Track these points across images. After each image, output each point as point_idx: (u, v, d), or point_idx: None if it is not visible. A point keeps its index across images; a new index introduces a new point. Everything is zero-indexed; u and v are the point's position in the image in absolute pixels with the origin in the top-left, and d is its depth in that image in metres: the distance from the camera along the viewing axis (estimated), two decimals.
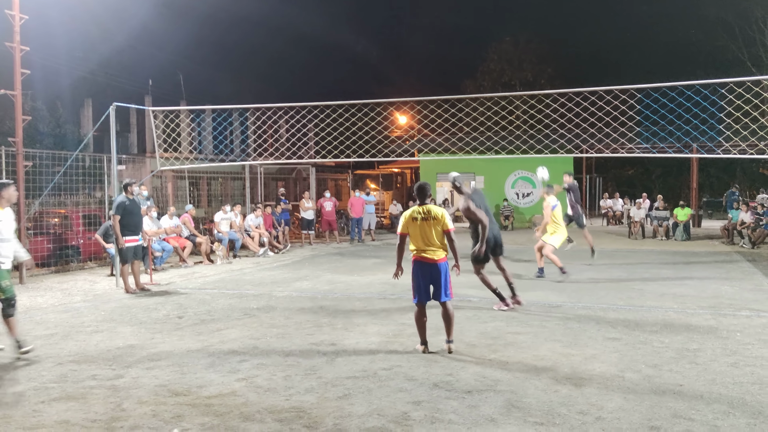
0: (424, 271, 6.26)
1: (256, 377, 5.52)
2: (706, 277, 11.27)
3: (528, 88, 32.73)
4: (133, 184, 10.44)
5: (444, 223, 6.23)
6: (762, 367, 5.69)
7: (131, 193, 10.29)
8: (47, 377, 5.59)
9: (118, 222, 10.07)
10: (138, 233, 10.42)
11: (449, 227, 6.23)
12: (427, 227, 6.20)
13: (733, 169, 37.04)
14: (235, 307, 8.86)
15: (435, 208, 6.33)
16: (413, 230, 6.25)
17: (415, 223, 6.23)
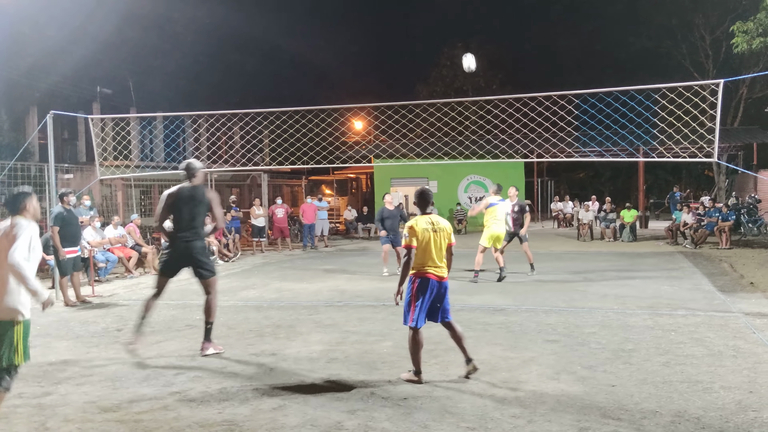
0: (432, 290, 5.55)
1: (191, 390, 5.41)
2: (648, 277, 11.55)
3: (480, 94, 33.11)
4: (69, 194, 10.19)
5: (449, 236, 5.69)
6: (691, 366, 5.83)
7: (68, 203, 10.04)
8: None
9: (57, 233, 9.82)
10: (77, 244, 10.16)
11: (453, 241, 5.73)
12: (437, 240, 5.56)
13: (679, 171, 38.15)
14: (177, 318, 8.70)
15: (440, 218, 5.73)
16: (423, 243, 5.52)
17: (426, 234, 5.52)
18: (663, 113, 9.25)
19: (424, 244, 5.52)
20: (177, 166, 17.36)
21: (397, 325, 7.83)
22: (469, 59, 11.19)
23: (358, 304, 9.40)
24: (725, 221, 16.96)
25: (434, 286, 5.56)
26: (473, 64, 11.18)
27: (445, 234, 5.65)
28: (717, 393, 5.07)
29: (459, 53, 38.96)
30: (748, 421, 4.47)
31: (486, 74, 38.70)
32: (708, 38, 31.11)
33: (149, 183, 23.01)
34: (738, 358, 6.09)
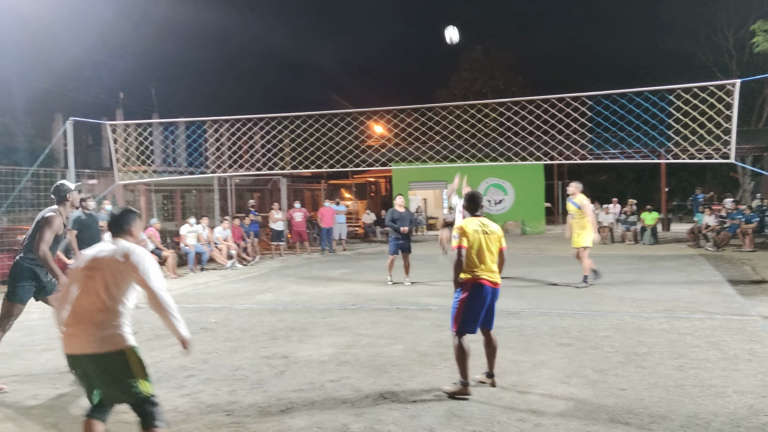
0: (486, 297, 5.30)
1: (201, 393, 5.47)
2: (667, 280, 11.40)
3: (499, 97, 33.03)
4: (88, 198, 10.35)
5: (500, 239, 5.45)
6: (705, 370, 5.75)
7: (86, 208, 10.20)
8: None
9: (74, 237, 9.99)
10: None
11: (504, 245, 5.48)
12: (489, 243, 5.33)
13: (703, 174, 37.61)
14: (192, 321, 8.77)
15: (490, 221, 5.51)
16: (474, 246, 5.28)
17: (477, 236, 5.29)
18: (678, 114, 9.15)
19: (475, 247, 5.27)
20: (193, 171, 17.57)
21: (409, 328, 7.87)
22: (451, 31, 11.09)
23: (372, 308, 9.42)
24: (748, 223, 16.68)
25: (488, 292, 5.29)
26: (456, 36, 11.10)
27: (496, 237, 5.40)
28: (729, 397, 5.00)
29: (478, 57, 38.98)
30: (759, 426, 4.40)
31: (506, 77, 38.56)
32: (731, 38, 30.71)
33: (171, 188, 23.25)
34: (753, 362, 5.99)
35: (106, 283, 3.71)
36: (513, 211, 25.64)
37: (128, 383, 3.65)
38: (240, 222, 17.50)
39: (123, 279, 3.75)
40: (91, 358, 3.62)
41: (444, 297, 10.20)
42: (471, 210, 5.57)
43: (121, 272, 3.74)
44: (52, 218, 6.19)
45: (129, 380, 3.66)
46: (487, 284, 5.28)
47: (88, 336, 3.63)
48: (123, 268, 3.74)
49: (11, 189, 12.81)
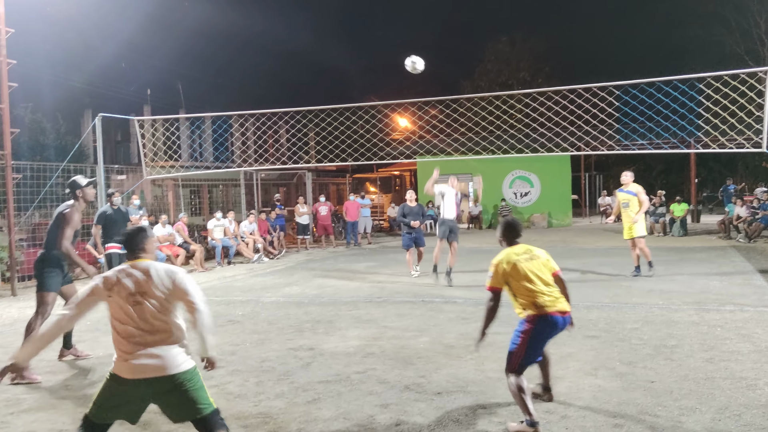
0: (554, 329, 4.59)
1: (229, 384, 5.54)
2: (697, 272, 11.23)
3: (525, 88, 32.74)
4: (115, 193, 10.53)
5: (550, 263, 4.78)
6: (736, 362, 5.66)
7: (114, 204, 10.37)
8: (20, 388, 5.62)
9: (98, 232, 10.20)
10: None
11: (557, 268, 4.78)
12: (540, 268, 4.66)
13: (734, 164, 36.90)
14: (220, 313, 8.87)
15: (532, 247, 4.82)
16: (522, 276, 4.56)
17: (522, 266, 4.58)
18: (708, 103, 8.99)
19: (527, 277, 4.56)
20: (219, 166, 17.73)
21: (435, 321, 7.87)
22: (414, 59, 10.16)
23: (398, 301, 9.43)
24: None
25: (557, 323, 4.55)
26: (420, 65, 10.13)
27: (544, 262, 4.72)
28: (761, 390, 4.91)
29: (503, 47, 38.66)
30: None
31: (531, 68, 38.20)
32: (763, 25, 30.05)
33: (198, 183, 23.50)
34: None
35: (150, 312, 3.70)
36: (539, 204, 25.44)
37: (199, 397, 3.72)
38: (266, 216, 17.63)
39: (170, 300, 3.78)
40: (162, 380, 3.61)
41: (469, 289, 10.18)
42: (509, 240, 4.86)
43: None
44: (70, 214, 6.44)
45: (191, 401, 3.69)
46: (557, 315, 4.53)
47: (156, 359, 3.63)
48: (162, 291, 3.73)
49: (42, 185, 13.06)
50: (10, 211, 11.45)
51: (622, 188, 10.97)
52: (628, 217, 10.81)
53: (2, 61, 11.27)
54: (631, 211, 10.78)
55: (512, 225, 4.90)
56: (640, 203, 10.69)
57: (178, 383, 3.64)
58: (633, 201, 10.75)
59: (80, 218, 6.70)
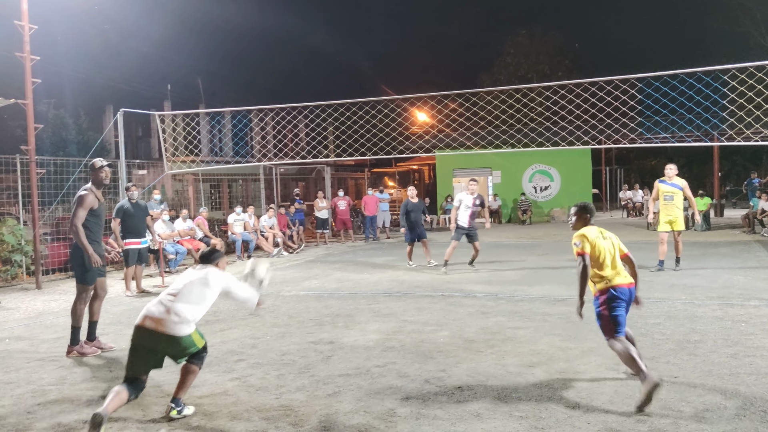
0: (624, 297, 5.03)
1: (250, 376, 5.57)
2: (720, 267, 11.09)
3: (545, 81, 32.49)
4: (132, 187, 10.62)
5: (620, 245, 5.23)
6: (761, 358, 5.58)
7: (132, 197, 10.48)
8: (47, 380, 5.71)
9: (118, 225, 10.33)
10: (140, 236, 10.56)
11: (626, 250, 5.22)
12: (612, 248, 5.14)
13: (759, 157, 36.33)
14: (241, 307, 8.93)
15: (603, 229, 5.30)
16: (597, 253, 5.07)
17: (600, 243, 5.09)
18: (733, 95, 8.84)
19: (603, 254, 5.05)
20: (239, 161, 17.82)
21: (454, 315, 7.86)
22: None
23: (417, 295, 9.43)
24: None
25: (626, 293, 5.02)
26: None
27: (615, 243, 5.18)
28: None
29: (523, 41, 38.36)
30: None
31: (551, 61, 37.89)
32: None
33: (219, 177, 23.67)
34: None
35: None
36: (559, 198, 25.28)
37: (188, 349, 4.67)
38: (285, 210, 17.71)
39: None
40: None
41: (489, 284, 10.16)
42: (585, 220, 5.35)
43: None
44: (84, 196, 6.74)
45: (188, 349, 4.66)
46: (623, 286, 5.00)
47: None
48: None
49: (65, 180, 13.23)
50: (35, 205, 11.61)
51: (665, 180, 10.82)
52: (672, 210, 10.67)
53: (26, 57, 11.41)
54: (675, 206, 10.67)
55: (588, 207, 5.46)
56: (687, 198, 10.72)
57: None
58: (678, 194, 10.69)
59: (95, 199, 6.85)
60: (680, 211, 10.76)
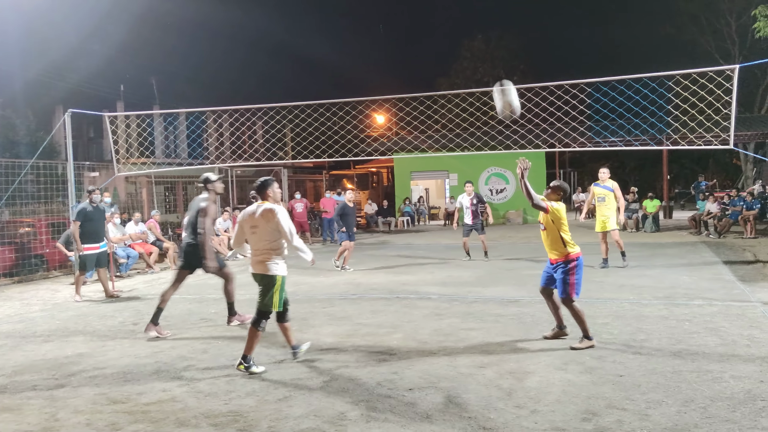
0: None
1: (199, 382, 5.49)
2: (668, 267, 11.39)
3: None
4: (95, 191, 10.41)
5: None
6: (703, 356, 5.75)
7: (93, 201, 10.26)
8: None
9: (77, 228, 10.07)
10: (99, 240, 10.34)
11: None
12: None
13: (705, 161, 37.52)
14: (193, 312, 8.81)
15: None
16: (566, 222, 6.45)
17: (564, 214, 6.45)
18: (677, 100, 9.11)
19: (567, 224, 6.38)
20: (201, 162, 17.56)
21: (409, 317, 7.89)
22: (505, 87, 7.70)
23: (372, 297, 9.43)
24: (750, 210, 16.63)
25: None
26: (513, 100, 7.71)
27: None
28: (726, 383, 4.99)
29: (479, 45, 38.82)
30: (756, 411, 4.39)
31: (507, 66, 38.43)
32: (734, 24, 30.52)
33: (173, 180, 23.29)
34: (752, 347, 5.98)
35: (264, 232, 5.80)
36: (514, 200, 25.62)
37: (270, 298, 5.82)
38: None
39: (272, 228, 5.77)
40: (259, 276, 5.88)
41: (444, 286, 10.22)
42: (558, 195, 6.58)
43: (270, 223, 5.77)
44: (207, 207, 7.46)
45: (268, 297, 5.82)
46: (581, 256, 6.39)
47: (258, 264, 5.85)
48: (270, 223, 5.77)
49: (12, 182, 12.84)
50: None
51: (599, 183, 11.37)
52: (604, 211, 11.14)
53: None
54: (607, 207, 11.12)
55: (562, 187, 6.61)
56: (616, 198, 11.29)
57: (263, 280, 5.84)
58: (609, 196, 11.25)
59: (216, 209, 7.93)
60: (612, 212, 11.37)
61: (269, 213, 5.77)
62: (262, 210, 5.83)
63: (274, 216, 5.75)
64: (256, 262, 5.88)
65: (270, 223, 5.76)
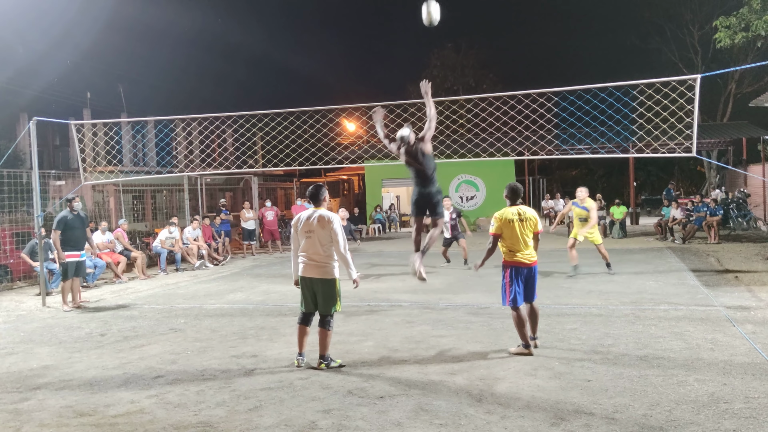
0: (523, 274, 6.33)
1: (168, 393, 5.42)
2: (634, 273, 11.59)
3: (470, 93, 33.17)
4: (75, 199, 10.30)
5: (536, 225, 6.39)
6: (668, 359, 5.87)
7: (74, 209, 10.15)
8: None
9: (58, 237, 9.96)
10: (79, 249, 10.22)
11: (539, 229, 6.42)
12: (522, 229, 6.29)
13: (671, 168, 38.25)
14: (161, 322, 8.70)
15: (527, 209, 6.45)
16: (509, 232, 6.28)
17: (512, 225, 6.28)
18: (641, 109, 9.30)
19: (509, 233, 6.27)
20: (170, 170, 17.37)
21: (380, 325, 7.90)
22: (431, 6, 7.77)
23: (343, 305, 9.34)
24: (713, 216, 17.01)
25: (522, 270, 6.30)
26: (436, 14, 7.86)
27: (532, 223, 6.34)
28: (691, 386, 5.10)
29: (449, 54, 39.13)
30: (719, 413, 4.50)
31: (476, 74, 38.80)
32: (696, 34, 31.26)
33: (141, 188, 22.98)
34: (715, 351, 6.12)
35: (320, 237, 5.99)
36: (485, 207, 25.82)
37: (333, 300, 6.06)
38: (210, 221, 17.36)
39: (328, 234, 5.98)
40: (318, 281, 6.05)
41: (415, 293, 10.25)
42: (512, 200, 6.47)
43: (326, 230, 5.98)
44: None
45: (332, 300, 6.06)
46: (522, 265, 6.29)
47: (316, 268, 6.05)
48: (326, 229, 5.98)
49: None
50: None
51: (578, 203, 11.75)
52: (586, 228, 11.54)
53: None
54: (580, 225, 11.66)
55: (515, 189, 6.51)
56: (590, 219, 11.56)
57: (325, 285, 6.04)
58: (586, 216, 11.65)
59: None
60: (595, 229, 11.62)
61: (324, 220, 6.02)
62: (317, 216, 6.04)
63: (329, 223, 6.00)
64: (311, 267, 6.03)
65: (325, 229, 5.99)
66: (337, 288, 6.08)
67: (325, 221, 6.00)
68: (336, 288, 6.07)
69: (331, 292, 6.05)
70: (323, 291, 6.05)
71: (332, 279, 6.05)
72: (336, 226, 6.00)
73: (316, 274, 6.03)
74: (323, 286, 6.04)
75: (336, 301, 6.09)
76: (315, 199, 6.17)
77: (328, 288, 6.04)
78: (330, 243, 6.00)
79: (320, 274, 6.02)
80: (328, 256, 6.03)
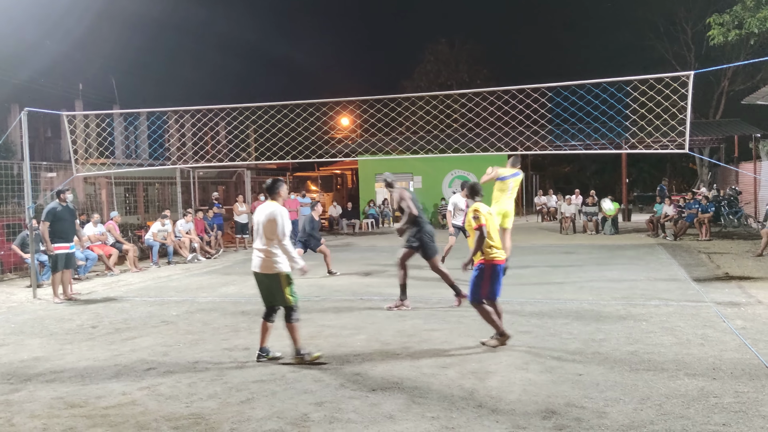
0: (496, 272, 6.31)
1: (160, 385, 5.42)
2: (626, 269, 11.64)
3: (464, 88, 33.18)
4: (66, 191, 10.26)
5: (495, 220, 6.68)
6: (658, 354, 5.90)
7: (64, 201, 10.10)
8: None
9: (47, 229, 9.91)
10: (69, 240, 10.18)
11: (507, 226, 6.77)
12: (494, 223, 6.42)
13: (663, 165, 38.41)
14: (153, 314, 8.68)
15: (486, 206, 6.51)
16: (490, 225, 6.28)
17: (490, 218, 6.33)
18: (635, 105, 9.33)
19: (491, 226, 6.29)
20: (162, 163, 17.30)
21: (372, 318, 7.91)
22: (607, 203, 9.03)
23: (336, 299, 9.43)
24: (704, 213, 17.10)
25: (498, 267, 6.30)
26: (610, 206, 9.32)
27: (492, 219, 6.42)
28: (681, 380, 5.14)
29: (442, 49, 39.12)
30: (709, 407, 4.53)
31: (470, 70, 38.80)
32: (690, 31, 31.35)
33: (133, 181, 22.89)
34: (705, 346, 6.16)
35: (266, 231, 5.94)
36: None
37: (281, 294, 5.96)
38: (203, 215, 17.32)
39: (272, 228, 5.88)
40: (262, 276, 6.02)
41: (408, 287, 10.23)
42: (472, 197, 6.61)
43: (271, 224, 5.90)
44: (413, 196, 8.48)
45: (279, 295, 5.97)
46: (500, 262, 6.29)
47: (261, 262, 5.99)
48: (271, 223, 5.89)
49: None
50: None
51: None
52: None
53: None
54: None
55: (477, 187, 6.69)
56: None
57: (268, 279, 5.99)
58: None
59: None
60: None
61: (269, 213, 5.94)
62: (265, 210, 5.99)
63: (273, 216, 5.90)
64: (258, 261, 6.01)
65: (269, 223, 5.91)
66: (281, 282, 5.94)
67: (270, 214, 5.92)
68: (280, 282, 5.93)
69: (276, 286, 5.95)
70: (267, 285, 6.01)
71: (274, 274, 5.93)
72: (279, 219, 5.88)
73: (260, 269, 5.99)
74: (267, 280, 5.99)
75: (284, 295, 5.95)
76: (270, 191, 6.11)
77: (270, 282, 5.97)
78: (273, 237, 5.90)
79: (264, 269, 5.97)
80: (271, 250, 5.93)
